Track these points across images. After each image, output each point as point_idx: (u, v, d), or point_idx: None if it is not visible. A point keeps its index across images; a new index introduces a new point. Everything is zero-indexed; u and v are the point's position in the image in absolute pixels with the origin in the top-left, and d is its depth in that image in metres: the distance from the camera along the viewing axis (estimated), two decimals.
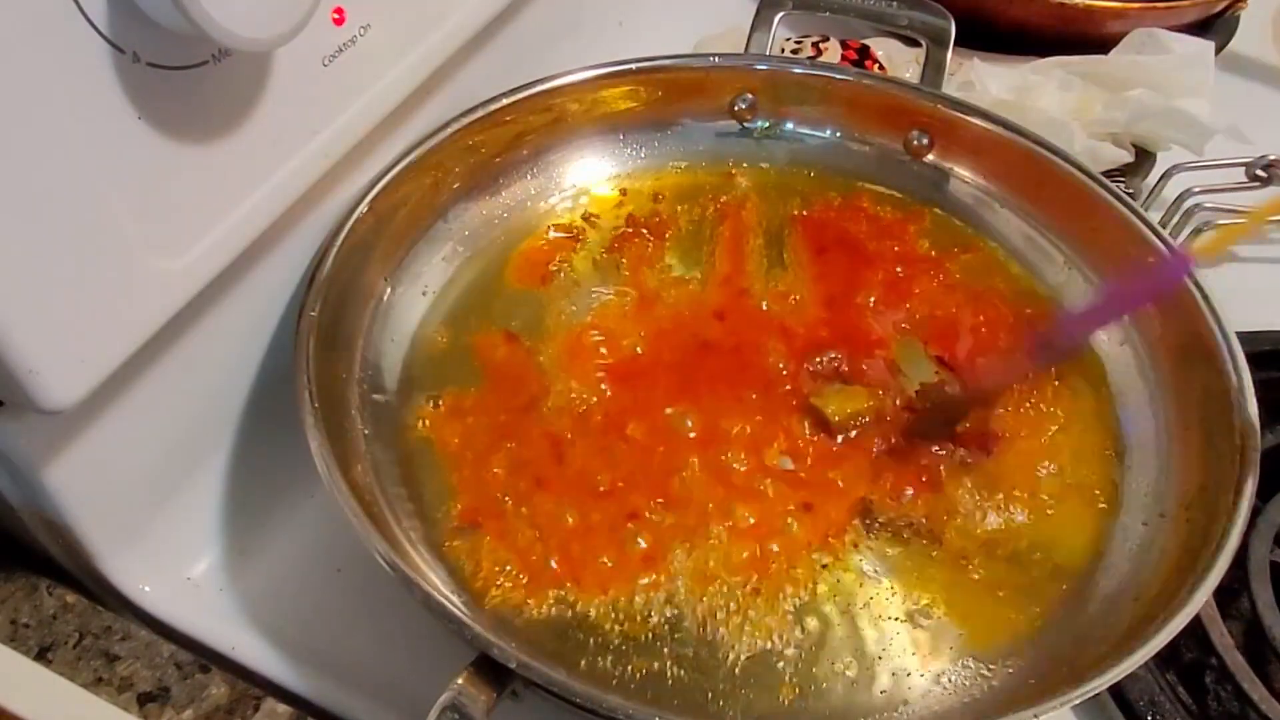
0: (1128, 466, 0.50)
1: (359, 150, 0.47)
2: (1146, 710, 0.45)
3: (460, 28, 0.51)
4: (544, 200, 0.60)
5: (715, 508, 0.47)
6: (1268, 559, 0.49)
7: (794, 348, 0.54)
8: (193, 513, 0.49)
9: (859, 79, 0.62)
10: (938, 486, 0.49)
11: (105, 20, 0.32)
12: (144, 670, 0.42)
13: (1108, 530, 0.48)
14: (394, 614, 0.46)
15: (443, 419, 0.50)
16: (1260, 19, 0.83)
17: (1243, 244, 0.68)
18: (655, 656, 0.43)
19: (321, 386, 0.44)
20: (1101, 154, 0.65)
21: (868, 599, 0.46)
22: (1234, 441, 0.45)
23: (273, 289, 0.48)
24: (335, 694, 0.45)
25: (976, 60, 0.69)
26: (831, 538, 0.47)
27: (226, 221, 0.40)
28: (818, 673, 0.43)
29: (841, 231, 0.59)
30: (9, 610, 0.44)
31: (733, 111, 0.63)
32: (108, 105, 0.34)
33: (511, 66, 0.58)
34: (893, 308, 0.56)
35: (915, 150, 0.61)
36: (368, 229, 0.50)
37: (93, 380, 0.36)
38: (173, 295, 0.39)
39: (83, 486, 0.42)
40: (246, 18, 0.34)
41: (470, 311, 0.55)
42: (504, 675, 0.37)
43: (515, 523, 0.46)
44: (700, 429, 0.50)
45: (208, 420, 0.48)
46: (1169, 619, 0.39)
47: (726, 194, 0.61)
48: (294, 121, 0.42)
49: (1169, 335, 0.52)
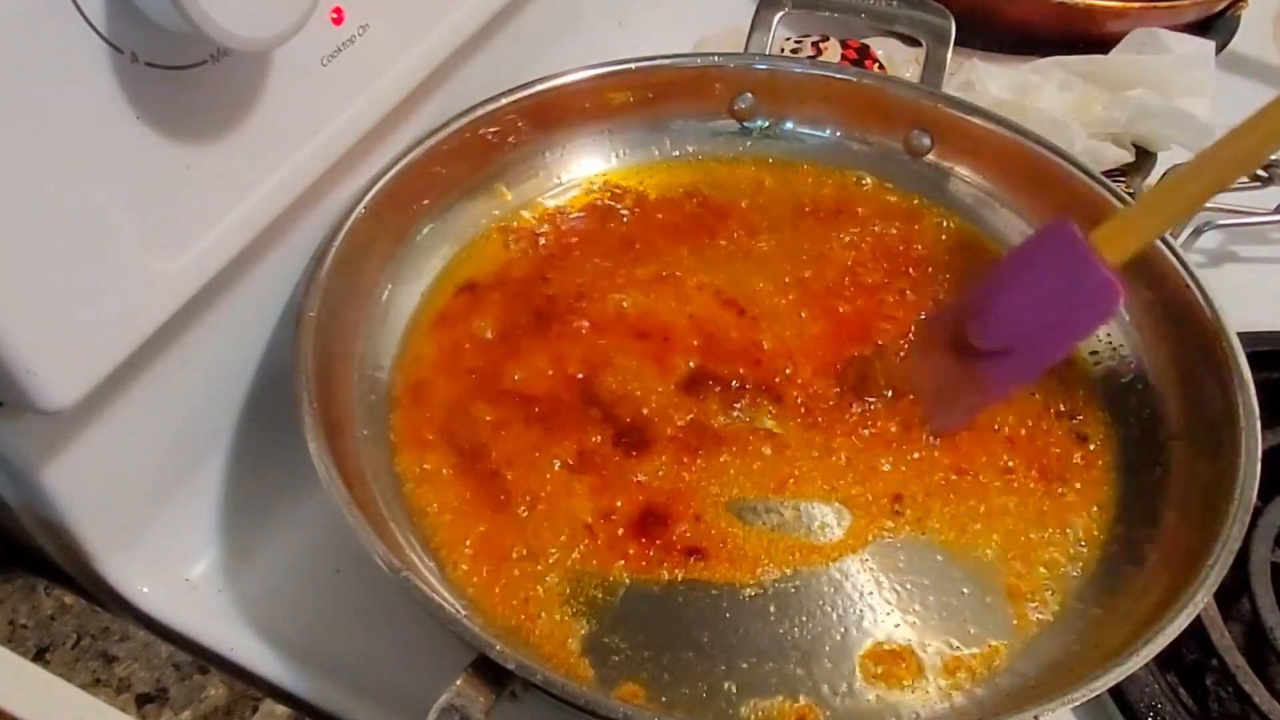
0: (1127, 466, 0.50)
1: (358, 150, 0.47)
2: (1147, 711, 0.45)
3: (459, 27, 0.51)
4: (543, 200, 0.60)
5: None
6: (1268, 560, 0.49)
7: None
8: (191, 513, 0.49)
9: (859, 79, 0.62)
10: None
11: (103, 20, 0.32)
12: (142, 671, 0.42)
13: (1108, 530, 0.48)
14: (393, 615, 0.46)
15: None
16: (1261, 19, 0.83)
17: (1243, 244, 0.68)
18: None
19: (320, 387, 0.44)
20: (1102, 154, 0.65)
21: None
22: (1234, 442, 0.45)
23: (271, 289, 0.48)
24: (334, 695, 0.45)
25: (976, 60, 0.69)
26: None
27: (225, 222, 0.40)
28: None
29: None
30: (7, 611, 0.43)
31: (732, 111, 0.63)
32: (106, 105, 0.34)
33: (511, 66, 0.58)
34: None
35: (915, 150, 0.61)
36: (367, 229, 0.50)
37: (91, 381, 0.36)
38: (171, 296, 0.39)
39: (81, 487, 0.42)
40: (245, 17, 0.33)
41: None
42: (503, 676, 0.37)
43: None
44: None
45: (206, 420, 0.48)
46: (1170, 620, 0.39)
47: (727, 194, 0.61)
48: (293, 121, 0.42)
49: (1169, 334, 0.52)
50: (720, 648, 0.44)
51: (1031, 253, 0.53)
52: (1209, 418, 0.48)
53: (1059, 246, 0.50)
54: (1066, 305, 0.50)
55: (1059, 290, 0.50)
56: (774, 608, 0.45)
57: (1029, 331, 0.51)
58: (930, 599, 0.46)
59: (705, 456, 0.49)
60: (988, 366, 0.51)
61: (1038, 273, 0.51)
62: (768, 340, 0.54)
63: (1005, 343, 0.51)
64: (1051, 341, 0.50)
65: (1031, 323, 0.51)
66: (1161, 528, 0.47)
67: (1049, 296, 0.50)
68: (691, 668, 0.43)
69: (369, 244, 0.51)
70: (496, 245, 0.58)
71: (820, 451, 0.50)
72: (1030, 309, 0.51)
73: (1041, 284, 0.51)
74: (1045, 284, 0.50)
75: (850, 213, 0.60)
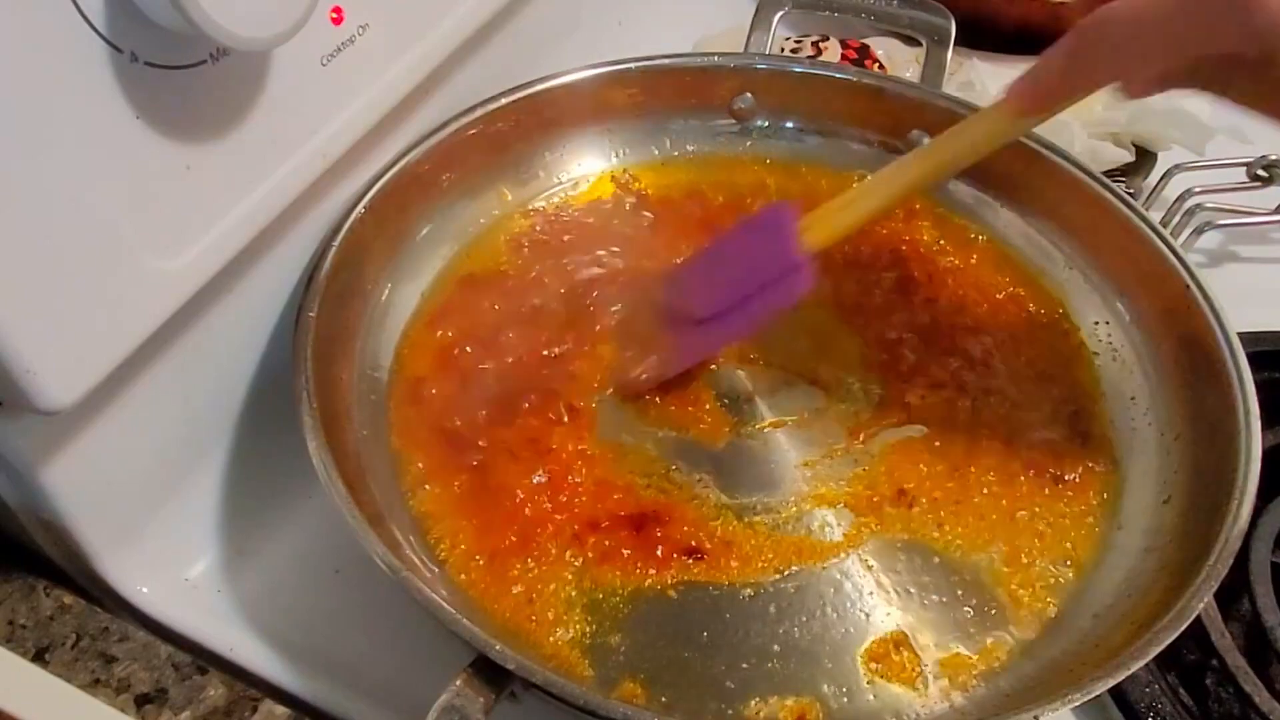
0: (1127, 467, 0.50)
1: (357, 150, 0.47)
2: (1147, 712, 0.45)
3: (459, 27, 0.51)
4: (543, 200, 0.60)
5: None
6: (1269, 560, 0.49)
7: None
8: (191, 513, 0.49)
9: (859, 78, 0.62)
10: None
11: (103, 19, 0.32)
12: (141, 671, 0.42)
13: (1108, 531, 0.48)
14: (392, 615, 0.46)
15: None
16: None
17: (1243, 244, 0.68)
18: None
19: (320, 387, 0.44)
20: (1102, 154, 0.65)
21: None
22: (1234, 442, 0.45)
23: (271, 289, 0.48)
24: (334, 695, 0.45)
25: (976, 60, 0.69)
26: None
27: (224, 221, 0.40)
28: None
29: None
30: (6, 611, 0.43)
31: (732, 111, 0.62)
32: (105, 105, 0.34)
33: (510, 66, 0.58)
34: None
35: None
36: (366, 229, 0.50)
37: (90, 381, 0.36)
38: (170, 296, 0.39)
39: (80, 487, 0.42)
40: (245, 17, 0.33)
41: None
42: (502, 677, 0.37)
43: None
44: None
45: (206, 421, 0.48)
46: (1170, 621, 0.39)
47: (727, 193, 0.61)
48: (292, 121, 0.42)
49: (1169, 334, 0.52)
50: (720, 648, 0.44)
51: (745, 228, 0.54)
52: (1209, 418, 0.48)
53: (768, 225, 0.51)
54: (761, 283, 0.50)
55: (758, 266, 0.50)
56: (774, 607, 0.45)
57: (728, 303, 0.51)
58: (930, 599, 0.46)
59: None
60: (691, 330, 0.52)
61: (743, 247, 0.52)
62: (767, 340, 0.54)
63: (709, 311, 0.51)
64: (745, 314, 0.51)
65: (731, 296, 0.51)
66: (1161, 528, 0.47)
67: (749, 272, 0.50)
68: (691, 668, 0.43)
69: (369, 244, 0.51)
70: (497, 245, 0.58)
71: (823, 450, 0.50)
72: (732, 283, 0.51)
73: (745, 258, 0.51)
74: (748, 259, 0.51)
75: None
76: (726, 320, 0.51)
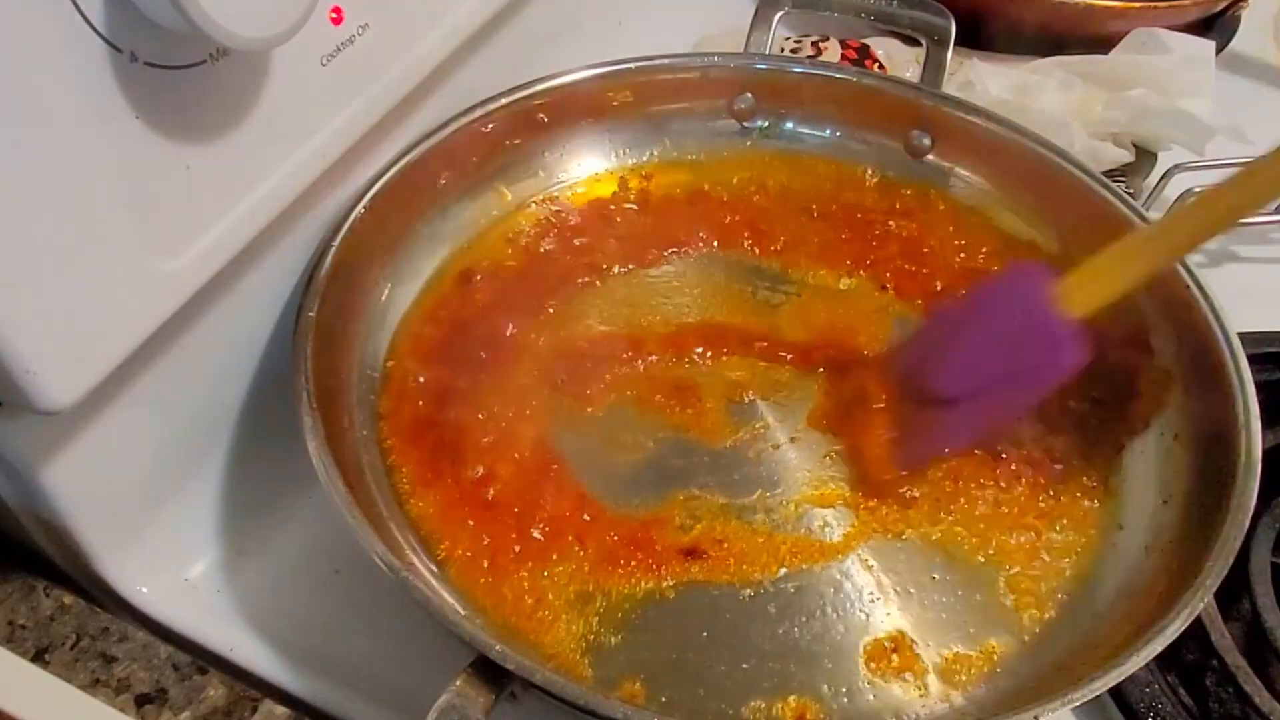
0: (1127, 467, 0.50)
1: (357, 150, 0.47)
2: (1147, 712, 0.45)
3: (459, 27, 0.51)
4: (543, 200, 0.60)
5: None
6: (1268, 561, 0.49)
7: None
8: (191, 514, 0.49)
9: (859, 78, 0.62)
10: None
11: (103, 20, 0.32)
12: (141, 672, 0.42)
13: (1108, 531, 0.48)
14: (392, 615, 0.46)
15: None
16: (1261, 19, 0.83)
17: (1243, 245, 0.68)
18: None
19: (320, 387, 0.44)
20: (1102, 154, 0.65)
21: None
22: (1234, 442, 0.45)
23: (271, 289, 0.48)
24: (333, 695, 0.45)
25: (976, 60, 0.69)
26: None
27: (224, 221, 0.40)
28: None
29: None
30: (6, 611, 0.43)
31: (732, 111, 0.62)
32: (105, 105, 0.34)
33: (510, 66, 0.58)
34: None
35: (915, 150, 0.61)
36: (366, 229, 0.50)
37: (90, 381, 0.36)
38: (170, 296, 0.39)
39: (80, 487, 0.42)
40: (245, 17, 0.33)
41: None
42: (502, 677, 0.37)
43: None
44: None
45: (206, 421, 0.48)
46: (1170, 621, 0.39)
47: (727, 193, 0.61)
48: (292, 121, 0.42)
49: (1169, 334, 0.52)
50: (720, 648, 0.44)
51: (989, 296, 0.49)
52: (1209, 418, 0.48)
53: (1014, 291, 0.46)
54: (1019, 359, 0.45)
55: (1012, 341, 0.45)
56: (774, 608, 0.45)
57: (981, 383, 0.46)
58: (930, 599, 0.46)
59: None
60: (944, 413, 0.47)
61: (990, 319, 0.47)
62: (767, 339, 0.54)
63: (957, 391, 0.47)
64: (1004, 398, 0.46)
65: (984, 374, 0.46)
66: (1161, 528, 0.47)
67: (1002, 347, 0.46)
68: (691, 668, 0.43)
69: (369, 244, 0.51)
70: (496, 245, 0.58)
71: (822, 450, 0.50)
72: (983, 359, 0.46)
73: (994, 332, 0.46)
74: (998, 333, 0.46)
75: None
76: (988, 400, 0.46)
